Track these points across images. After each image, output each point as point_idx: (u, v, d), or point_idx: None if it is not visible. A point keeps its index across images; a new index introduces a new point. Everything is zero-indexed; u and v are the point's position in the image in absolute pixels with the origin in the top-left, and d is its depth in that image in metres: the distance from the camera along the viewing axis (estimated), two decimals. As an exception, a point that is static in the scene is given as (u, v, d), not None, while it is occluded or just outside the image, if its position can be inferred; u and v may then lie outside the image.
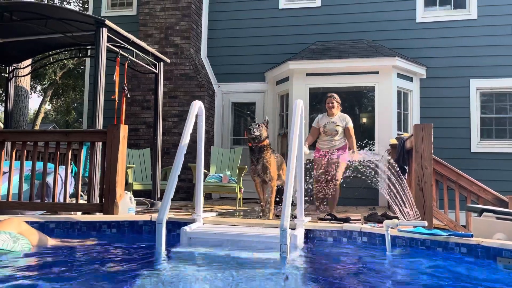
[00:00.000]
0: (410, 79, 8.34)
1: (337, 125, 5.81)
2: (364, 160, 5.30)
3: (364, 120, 8.43)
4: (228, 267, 2.61)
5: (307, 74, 8.28)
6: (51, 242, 3.02)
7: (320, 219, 4.19)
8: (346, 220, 4.01)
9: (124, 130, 4.57)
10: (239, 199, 6.64)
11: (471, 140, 8.20)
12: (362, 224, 4.34)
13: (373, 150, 7.39)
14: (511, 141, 8.09)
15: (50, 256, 2.79)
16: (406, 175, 5.04)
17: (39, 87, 25.72)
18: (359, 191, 7.10)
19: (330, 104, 5.90)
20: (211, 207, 6.47)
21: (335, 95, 6.06)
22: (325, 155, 5.68)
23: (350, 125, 5.86)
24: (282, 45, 9.02)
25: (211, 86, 8.97)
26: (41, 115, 22.93)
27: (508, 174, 7.88)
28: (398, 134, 7.56)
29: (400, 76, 8.13)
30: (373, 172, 4.71)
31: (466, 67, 8.30)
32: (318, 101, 8.18)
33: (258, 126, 4.65)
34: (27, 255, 2.69)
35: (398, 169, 4.68)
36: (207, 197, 8.59)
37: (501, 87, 8.17)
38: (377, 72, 7.99)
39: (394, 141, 6.20)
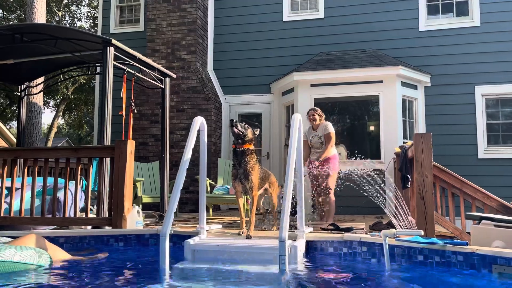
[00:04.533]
0: (415, 87, 8.38)
1: (320, 137, 5.84)
2: (355, 169, 5.31)
3: (370, 129, 8.48)
4: (229, 280, 2.70)
5: (312, 85, 8.38)
6: (66, 255, 3.17)
7: (323, 229, 4.26)
8: (349, 229, 4.07)
9: (131, 145, 4.70)
10: (246, 210, 6.72)
11: (478, 146, 8.19)
12: (366, 233, 4.39)
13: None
14: (518, 146, 8.06)
15: (66, 270, 2.93)
16: (409, 183, 5.08)
17: (52, 102, 26.30)
18: (366, 200, 7.13)
19: (311, 117, 5.92)
20: (219, 219, 6.57)
21: (316, 108, 6.09)
22: (315, 166, 5.73)
23: (329, 131, 5.80)
24: (286, 57, 9.15)
25: (217, 99, 9.12)
26: (54, 129, 23.37)
27: (516, 180, 7.84)
28: (403, 143, 7.58)
29: (404, 84, 8.18)
30: (365, 182, 4.75)
31: (470, 73, 8.32)
32: (323, 111, 8.24)
33: (244, 124, 4.33)
34: (50, 269, 2.85)
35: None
36: (216, 208, 8.68)
37: (506, 92, 8.17)
38: (381, 81, 8.05)
39: (398, 150, 6.24)
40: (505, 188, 7.60)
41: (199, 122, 3.45)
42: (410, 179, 5.07)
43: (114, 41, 5.16)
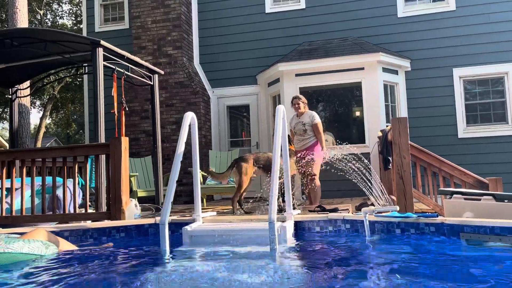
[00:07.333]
0: (396, 72, 8.68)
1: (304, 124, 6.02)
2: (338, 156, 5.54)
3: (354, 115, 8.78)
4: (224, 259, 2.98)
5: (297, 75, 8.62)
6: (72, 247, 3.42)
7: (310, 211, 4.55)
8: (334, 210, 4.37)
9: (125, 142, 4.93)
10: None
11: (457, 126, 8.55)
12: (353, 213, 4.69)
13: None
14: (495, 125, 8.44)
15: (74, 259, 3.19)
16: (390, 165, 5.38)
17: (38, 102, 26.20)
18: (353, 183, 7.45)
19: (296, 106, 6.14)
20: (212, 208, 6.83)
21: (300, 96, 6.32)
22: (300, 154, 5.94)
23: (316, 121, 6.00)
24: (271, 48, 9.38)
25: (205, 92, 9.33)
26: (43, 129, 23.32)
27: (494, 157, 8.23)
28: (386, 126, 7.90)
29: (385, 70, 8.47)
30: (351, 166, 5.04)
31: (448, 57, 8.65)
32: (309, 99, 8.49)
33: None
34: (56, 258, 3.10)
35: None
36: (210, 198, 8.95)
37: (483, 73, 8.52)
38: (362, 68, 8.33)
39: (381, 134, 6.54)
40: (483, 164, 7.99)
41: (189, 117, 3.68)
42: (391, 161, 5.38)
43: (102, 42, 5.34)
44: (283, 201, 4.68)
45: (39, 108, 27.17)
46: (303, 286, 2.35)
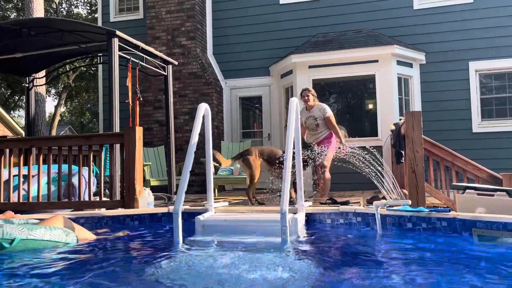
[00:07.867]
0: (410, 65, 8.59)
1: (316, 118, 5.96)
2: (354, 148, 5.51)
3: (367, 107, 8.74)
4: (236, 249, 3.03)
5: (310, 66, 8.59)
6: (89, 233, 3.50)
7: (321, 203, 4.57)
8: (345, 203, 4.38)
9: (139, 131, 4.99)
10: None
11: (472, 121, 8.45)
12: (364, 206, 4.70)
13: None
14: (511, 120, 8.32)
15: (92, 247, 3.27)
16: (403, 159, 5.37)
17: (53, 91, 26.58)
18: (365, 176, 7.44)
19: (306, 98, 6.04)
20: (224, 198, 6.90)
21: (310, 88, 6.23)
22: (314, 147, 5.90)
23: (328, 114, 5.90)
24: (284, 39, 9.34)
25: (218, 83, 9.36)
26: (57, 118, 23.64)
27: (509, 152, 8.12)
28: (399, 120, 7.84)
29: (399, 63, 8.39)
30: (363, 160, 5.03)
31: (464, 50, 8.52)
32: (321, 92, 8.48)
33: None
34: (77, 246, 3.18)
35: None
36: (221, 189, 9.02)
37: (499, 67, 8.38)
38: (377, 61, 8.27)
39: (393, 127, 6.50)
40: (498, 160, 7.91)
41: (203, 108, 3.72)
42: (403, 154, 5.36)
43: (118, 33, 5.39)
44: (295, 191, 4.70)
45: (54, 97, 27.57)
46: (313, 277, 2.39)
